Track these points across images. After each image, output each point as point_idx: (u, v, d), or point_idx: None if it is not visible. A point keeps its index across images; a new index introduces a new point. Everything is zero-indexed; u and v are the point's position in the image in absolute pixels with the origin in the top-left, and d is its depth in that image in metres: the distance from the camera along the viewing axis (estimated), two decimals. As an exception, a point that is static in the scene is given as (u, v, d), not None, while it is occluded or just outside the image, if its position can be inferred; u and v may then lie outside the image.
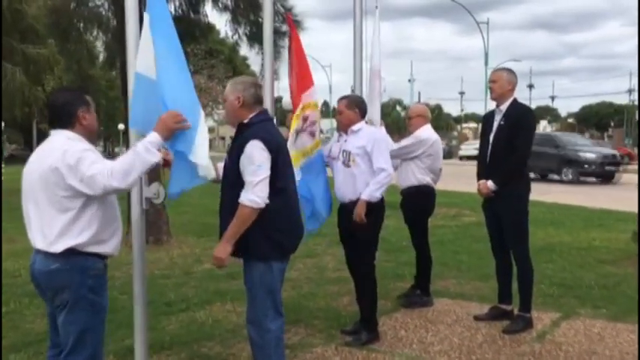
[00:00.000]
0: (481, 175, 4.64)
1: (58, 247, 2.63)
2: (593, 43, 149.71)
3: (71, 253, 2.65)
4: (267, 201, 3.04)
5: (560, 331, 4.50)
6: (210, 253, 3.55)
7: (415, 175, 5.16)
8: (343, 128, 4.42)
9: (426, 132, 5.24)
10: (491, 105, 4.79)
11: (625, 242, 7.56)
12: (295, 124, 4.29)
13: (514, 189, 4.49)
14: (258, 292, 3.18)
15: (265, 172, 3.03)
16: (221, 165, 3.37)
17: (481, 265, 6.46)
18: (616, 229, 9.16)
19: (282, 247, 3.20)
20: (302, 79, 4.46)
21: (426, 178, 5.18)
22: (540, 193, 14.75)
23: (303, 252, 7.40)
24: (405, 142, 5.22)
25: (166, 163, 3.11)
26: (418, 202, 5.23)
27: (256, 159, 3.02)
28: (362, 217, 4.16)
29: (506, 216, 4.52)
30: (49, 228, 2.63)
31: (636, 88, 56.62)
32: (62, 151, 2.61)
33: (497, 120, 4.55)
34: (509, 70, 4.69)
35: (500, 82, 4.54)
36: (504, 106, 4.53)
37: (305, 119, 4.35)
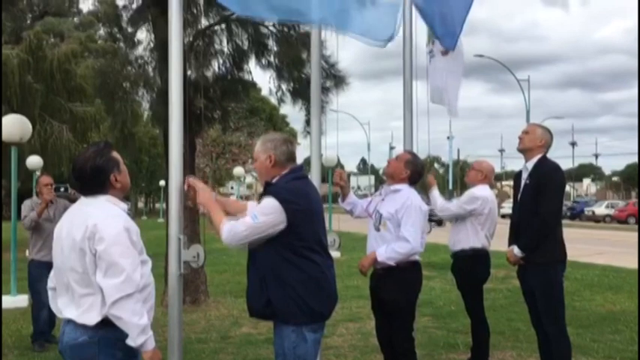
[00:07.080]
0: (511, 240, 4.25)
1: (91, 318, 2.41)
2: (628, 101, 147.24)
3: (102, 323, 2.42)
4: (232, 245, 2.95)
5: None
6: (248, 315, 3.27)
7: (470, 237, 4.81)
8: (387, 176, 4.19)
9: (483, 191, 4.93)
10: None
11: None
12: None
13: (541, 256, 4.05)
14: None
15: (258, 224, 2.83)
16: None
17: (540, 335, 5.93)
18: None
19: (313, 312, 2.91)
20: None
21: (482, 242, 4.83)
22: (591, 254, 14.03)
23: (346, 316, 7.05)
24: (463, 198, 4.95)
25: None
26: (473, 267, 4.86)
27: (260, 211, 2.86)
28: (364, 268, 4.02)
29: (535, 286, 4.10)
30: (82, 298, 2.43)
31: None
32: (92, 226, 2.39)
33: (524, 179, 4.20)
34: (545, 128, 4.33)
35: (532, 136, 4.19)
36: (531, 163, 4.17)
37: None
